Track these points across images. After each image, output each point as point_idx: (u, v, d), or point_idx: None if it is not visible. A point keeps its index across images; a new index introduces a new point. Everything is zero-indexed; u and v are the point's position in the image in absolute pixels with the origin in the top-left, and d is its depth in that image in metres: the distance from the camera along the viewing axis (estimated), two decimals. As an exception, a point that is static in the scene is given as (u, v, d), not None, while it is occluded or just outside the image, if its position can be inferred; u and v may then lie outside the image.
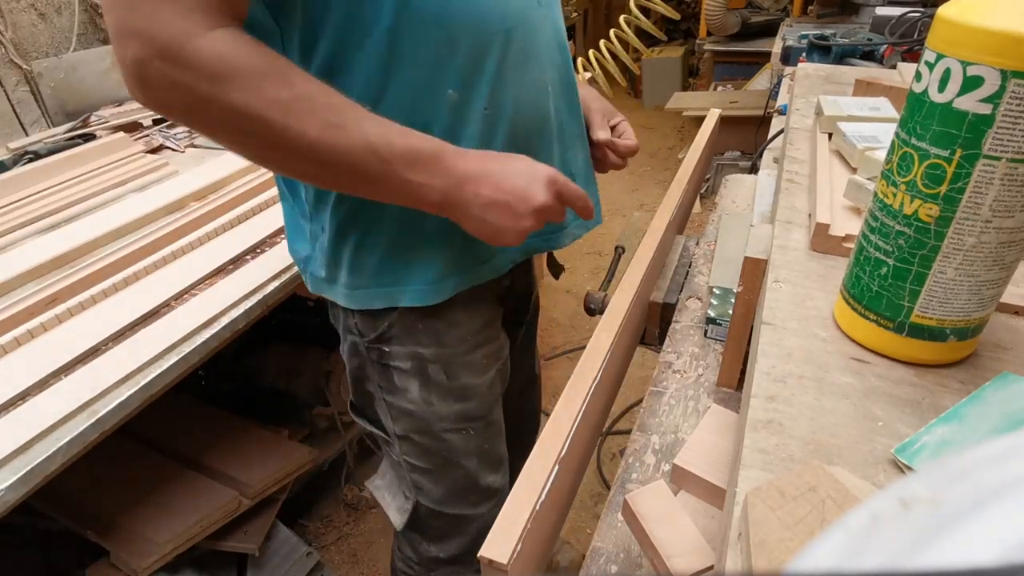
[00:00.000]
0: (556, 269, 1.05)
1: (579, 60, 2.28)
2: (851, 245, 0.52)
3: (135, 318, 0.89)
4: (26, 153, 1.42)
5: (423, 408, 0.79)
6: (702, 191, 2.86)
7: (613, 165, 0.85)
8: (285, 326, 1.53)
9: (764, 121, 2.27)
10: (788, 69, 1.58)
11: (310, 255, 0.74)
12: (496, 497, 0.88)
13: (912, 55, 1.42)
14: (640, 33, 2.18)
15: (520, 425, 1.15)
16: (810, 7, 2.82)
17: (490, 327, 0.82)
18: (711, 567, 0.47)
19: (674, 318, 0.83)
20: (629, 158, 0.85)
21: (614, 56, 2.19)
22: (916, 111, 0.38)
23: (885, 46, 1.50)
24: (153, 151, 1.51)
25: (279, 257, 1.04)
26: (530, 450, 0.52)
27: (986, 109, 0.34)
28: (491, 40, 0.63)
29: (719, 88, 3.36)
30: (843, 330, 0.47)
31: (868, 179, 0.58)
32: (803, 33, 1.95)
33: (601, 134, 0.82)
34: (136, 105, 1.75)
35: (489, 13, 0.63)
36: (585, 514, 1.56)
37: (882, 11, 1.76)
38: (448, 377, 0.78)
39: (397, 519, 0.88)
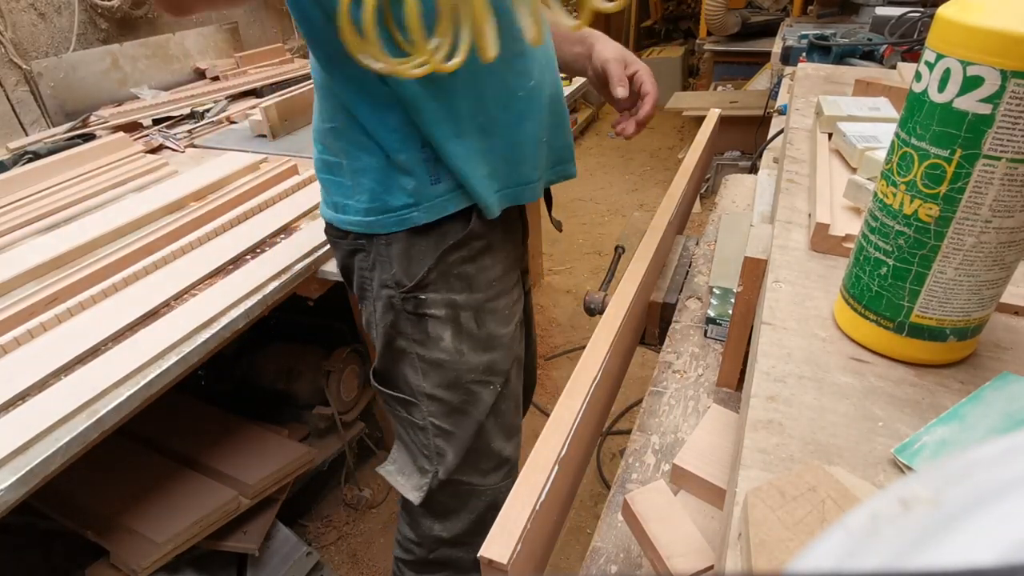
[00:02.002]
0: (557, 224, 1.07)
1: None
2: (851, 245, 0.52)
3: (135, 318, 0.89)
4: (26, 153, 1.42)
5: (455, 358, 0.82)
6: (702, 191, 2.86)
7: (626, 133, 0.83)
8: (285, 326, 1.53)
9: (764, 121, 2.27)
10: (788, 69, 1.58)
11: (384, 189, 0.76)
12: (505, 467, 0.90)
13: (912, 55, 1.42)
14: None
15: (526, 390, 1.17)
16: (810, 7, 2.82)
17: (510, 276, 0.86)
18: (711, 567, 0.47)
19: (674, 318, 0.83)
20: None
21: None
22: (916, 111, 0.38)
23: (885, 46, 1.50)
24: (153, 151, 1.51)
25: (279, 257, 1.04)
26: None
27: (986, 109, 0.34)
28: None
29: (719, 88, 3.36)
30: (843, 330, 0.47)
31: (868, 179, 0.58)
32: (803, 33, 1.95)
33: (620, 90, 0.80)
34: (136, 105, 1.76)
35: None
36: (585, 514, 1.56)
37: (882, 11, 1.76)
38: (477, 325, 0.82)
39: (415, 496, 0.88)
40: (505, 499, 0.86)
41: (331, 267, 1.05)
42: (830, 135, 0.75)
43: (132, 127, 1.64)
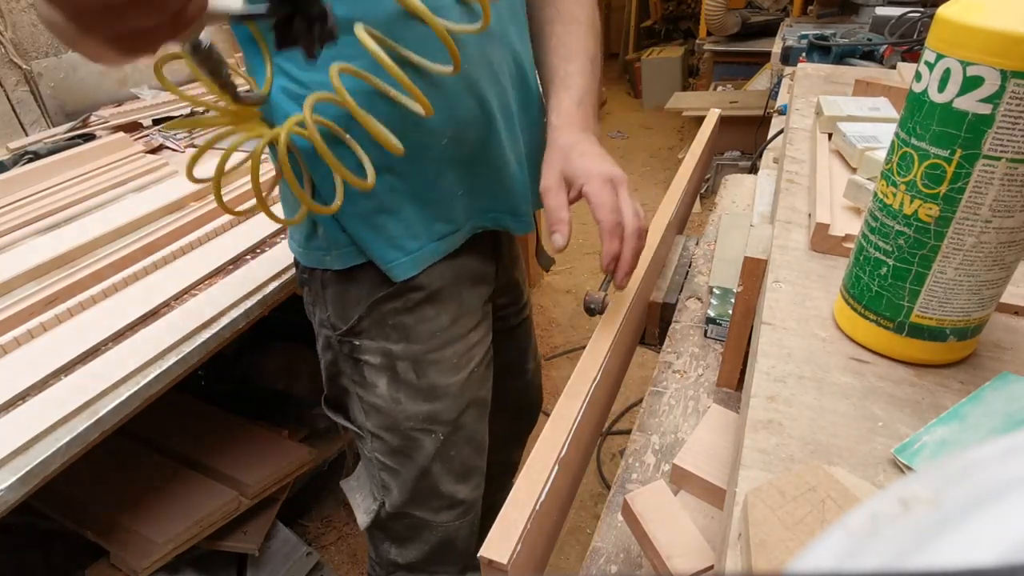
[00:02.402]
0: (545, 260, 1.01)
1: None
2: (851, 245, 0.52)
3: (135, 318, 0.89)
4: (26, 153, 1.42)
5: (391, 405, 0.78)
6: (702, 191, 2.86)
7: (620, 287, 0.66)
8: (285, 326, 1.53)
9: (764, 121, 2.27)
10: (788, 69, 1.58)
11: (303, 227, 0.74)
12: (460, 508, 0.86)
13: (912, 55, 1.42)
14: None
15: (518, 426, 1.14)
16: (810, 7, 2.82)
17: (462, 324, 0.79)
18: (711, 567, 0.47)
19: (674, 318, 0.83)
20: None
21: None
22: (916, 111, 0.38)
23: (885, 46, 1.50)
24: (153, 151, 1.51)
25: (279, 257, 1.04)
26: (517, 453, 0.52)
27: (986, 109, 0.34)
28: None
29: (719, 88, 3.36)
30: (843, 330, 0.47)
31: (868, 179, 0.58)
32: (803, 33, 1.95)
33: (556, 237, 0.62)
34: (136, 105, 1.75)
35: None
36: (585, 514, 1.56)
37: (882, 11, 1.76)
38: (417, 375, 0.77)
39: (363, 519, 0.87)
40: (463, 536, 0.84)
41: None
42: (830, 135, 0.75)
43: (132, 127, 1.64)
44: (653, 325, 0.88)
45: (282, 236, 1.11)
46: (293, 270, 1.01)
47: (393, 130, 0.61)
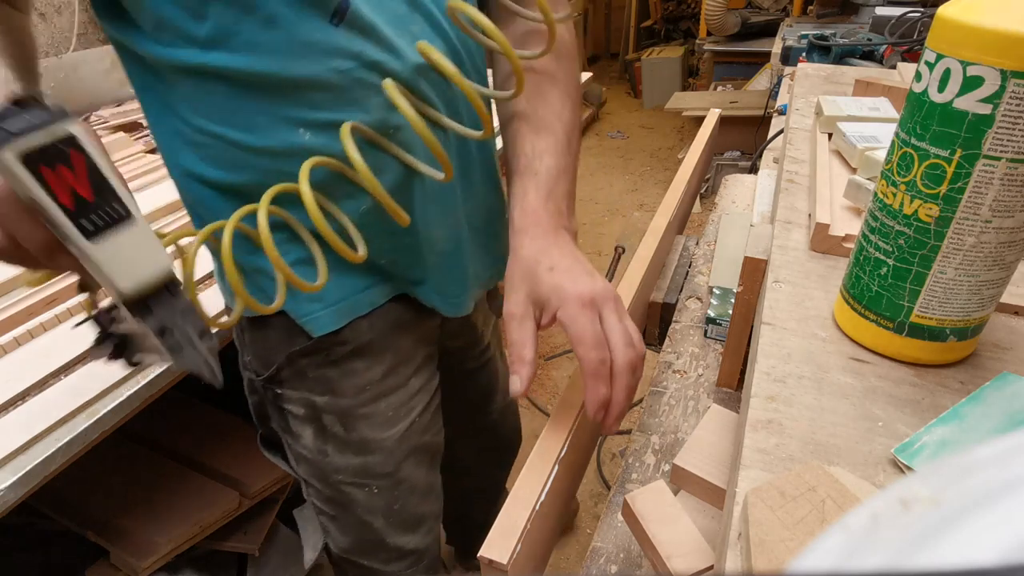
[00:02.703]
0: (497, 308, 0.87)
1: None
2: (851, 245, 0.52)
3: (135, 318, 0.89)
4: (26, 153, 1.42)
5: (318, 457, 0.72)
6: (702, 191, 2.86)
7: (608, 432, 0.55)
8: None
9: (764, 121, 2.27)
10: (788, 69, 1.58)
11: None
12: (411, 557, 0.82)
13: (912, 55, 1.42)
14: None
15: (495, 454, 1.08)
16: (810, 7, 2.82)
17: (399, 374, 0.71)
18: (711, 567, 0.47)
19: (674, 318, 0.83)
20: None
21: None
22: (916, 111, 0.38)
23: (885, 46, 1.50)
24: (153, 151, 1.51)
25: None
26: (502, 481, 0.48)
27: (986, 109, 0.34)
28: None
29: (719, 88, 3.36)
30: (843, 330, 0.47)
31: (868, 179, 0.58)
32: (803, 33, 1.95)
33: (515, 381, 0.51)
34: (136, 105, 1.76)
35: None
36: (585, 514, 1.56)
37: (882, 11, 1.76)
38: (345, 429, 0.70)
39: (308, 557, 0.82)
40: None
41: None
42: (830, 135, 0.75)
43: (132, 127, 1.64)
44: (653, 325, 0.88)
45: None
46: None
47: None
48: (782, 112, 1.18)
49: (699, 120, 1.22)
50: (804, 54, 1.65)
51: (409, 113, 0.50)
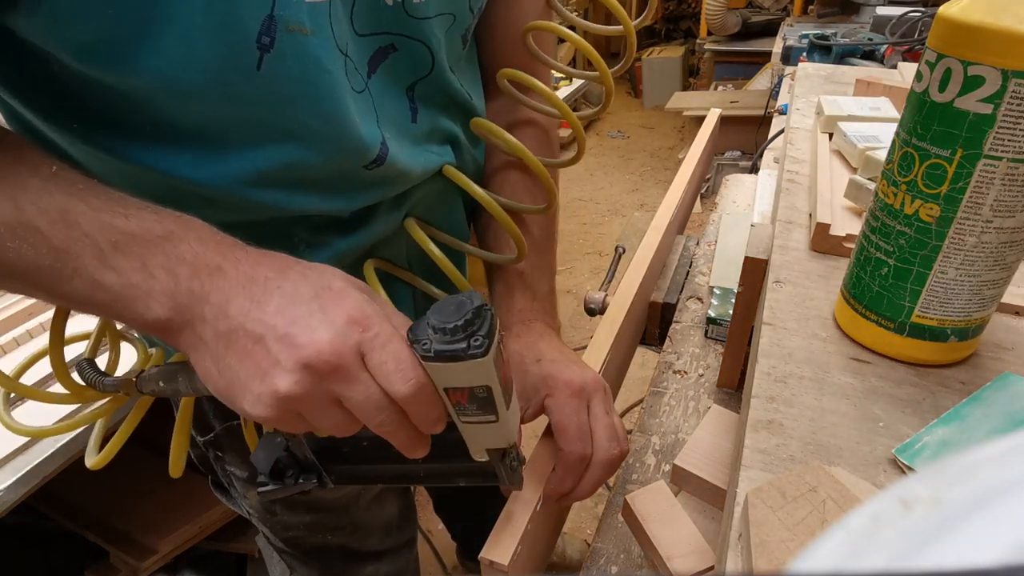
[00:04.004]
0: None
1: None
2: (851, 245, 0.52)
3: (135, 318, 0.89)
4: (26, 153, 1.42)
5: (267, 516, 0.70)
6: (702, 191, 2.86)
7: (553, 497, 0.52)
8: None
9: (764, 121, 2.27)
10: (788, 69, 1.58)
11: None
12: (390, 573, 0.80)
13: (913, 55, 1.42)
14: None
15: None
16: (811, 7, 2.82)
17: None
18: (711, 568, 0.47)
19: (674, 318, 0.83)
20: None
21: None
22: (917, 111, 0.38)
23: (886, 46, 1.50)
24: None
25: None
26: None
27: (987, 109, 0.34)
28: None
29: (719, 88, 3.36)
30: (843, 330, 0.47)
31: (869, 179, 0.58)
32: (804, 33, 1.95)
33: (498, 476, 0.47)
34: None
35: None
36: (585, 514, 1.56)
37: (883, 11, 1.76)
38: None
39: None
40: None
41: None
42: (831, 135, 0.75)
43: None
44: (653, 325, 0.88)
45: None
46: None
47: None
48: (783, 112, 1.18)
49: (699, 120, 1.22)
50: (805, 54, 1.65)
51: (435, 252, 0.52)
